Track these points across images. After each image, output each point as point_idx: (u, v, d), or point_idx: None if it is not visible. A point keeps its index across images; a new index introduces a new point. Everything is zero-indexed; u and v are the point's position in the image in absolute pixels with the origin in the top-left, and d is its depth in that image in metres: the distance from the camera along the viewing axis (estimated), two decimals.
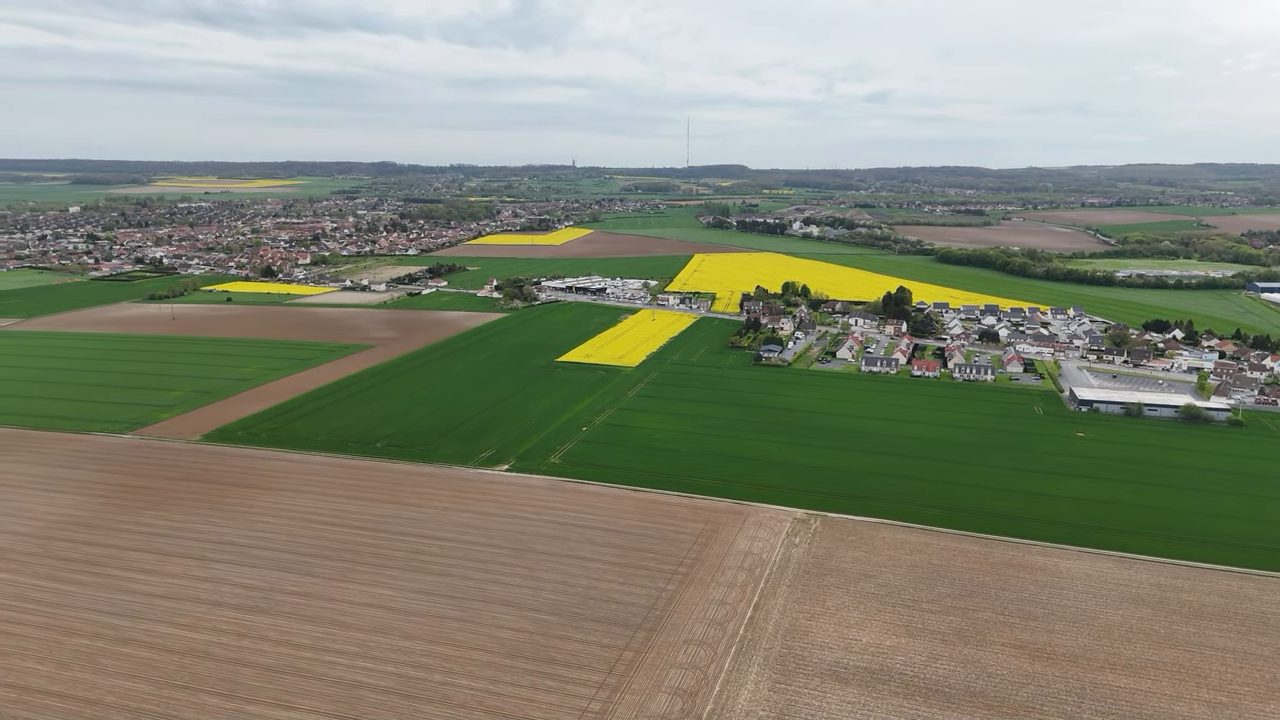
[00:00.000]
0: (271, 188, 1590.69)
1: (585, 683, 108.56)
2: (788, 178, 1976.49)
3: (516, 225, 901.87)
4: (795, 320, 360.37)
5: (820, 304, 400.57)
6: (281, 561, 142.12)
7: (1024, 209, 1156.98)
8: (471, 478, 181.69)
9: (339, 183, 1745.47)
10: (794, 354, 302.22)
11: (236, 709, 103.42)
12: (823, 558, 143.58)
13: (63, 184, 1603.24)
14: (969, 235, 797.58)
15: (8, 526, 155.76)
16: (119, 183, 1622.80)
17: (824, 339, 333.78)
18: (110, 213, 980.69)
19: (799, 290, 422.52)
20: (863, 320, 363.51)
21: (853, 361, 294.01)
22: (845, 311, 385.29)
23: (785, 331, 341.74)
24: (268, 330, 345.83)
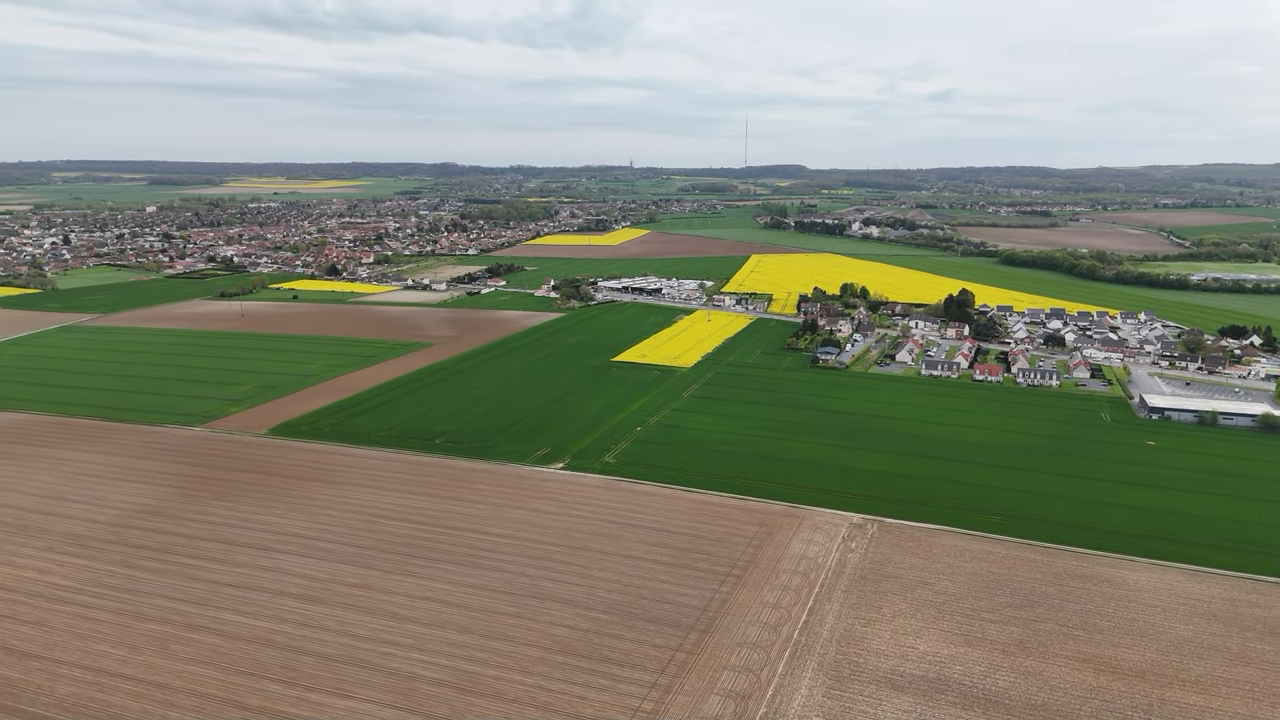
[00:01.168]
0: (337, 188, 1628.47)
1: (637, 682, 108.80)
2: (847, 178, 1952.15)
3: (574, 226, 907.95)
4: (853, 322, 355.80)
5: (879, 306, 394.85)
6: (342, 553, 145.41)
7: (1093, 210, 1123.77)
8: (527, 475, 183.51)
9: (402, 183, 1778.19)
10: (852, 356, 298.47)
11: (298, 696, 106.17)
12: (879, 564, 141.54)
13: (140, 184, 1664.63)
14: (1034, 237, 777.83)
15: (86, 514, 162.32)
16: (193, 183, 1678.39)
17: (883, 341, 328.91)
18: (184, 212, 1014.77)
19: (858, 292, 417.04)
20: (923, 323, 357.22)
21: (912, 365, 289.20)
22: (905, 314, 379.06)
23: (843, 334, 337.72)
24: (332, 328, 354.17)
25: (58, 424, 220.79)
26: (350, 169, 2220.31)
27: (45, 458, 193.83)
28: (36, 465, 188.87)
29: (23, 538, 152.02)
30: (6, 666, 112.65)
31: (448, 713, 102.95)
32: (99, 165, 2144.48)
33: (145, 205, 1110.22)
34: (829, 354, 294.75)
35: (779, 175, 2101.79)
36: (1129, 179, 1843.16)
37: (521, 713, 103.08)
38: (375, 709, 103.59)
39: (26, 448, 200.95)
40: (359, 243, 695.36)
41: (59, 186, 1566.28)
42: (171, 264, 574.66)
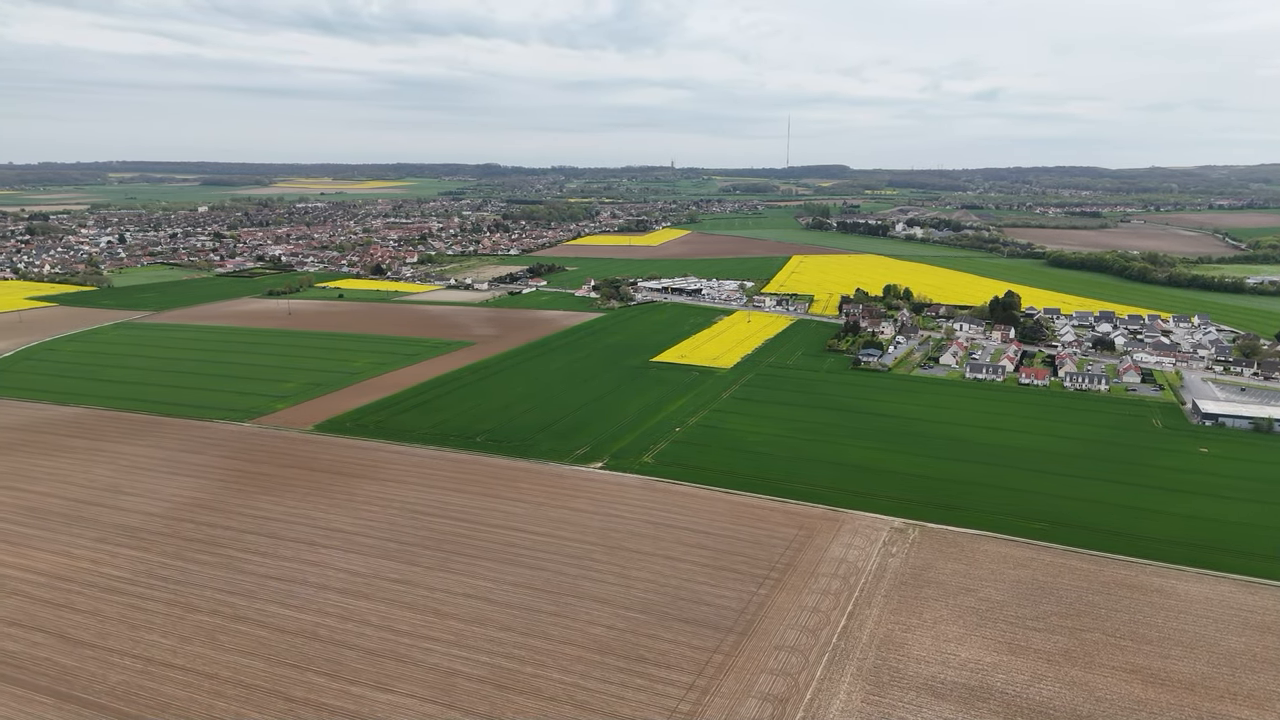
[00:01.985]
0: (382, 189, 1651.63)
1: (674, 683, 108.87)
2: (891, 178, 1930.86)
3: (614, 226, 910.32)
4: (896, 324, 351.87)
5: (923, 308, 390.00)
6: (384, 549, 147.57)
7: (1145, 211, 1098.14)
8: (566, 474, 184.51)
9: (445, 184, 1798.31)
10: (894, 359, 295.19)
11: (341, 689, 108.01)
12: (921, 569, 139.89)
13: (193, 185, 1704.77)
14: (1084, 238, 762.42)
15: (139, 507, 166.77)
16: (243, 184, 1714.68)
17: (926, 344, 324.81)
18: (235, 212, 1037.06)
19: (901, 293, 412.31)
20: (968, 325, 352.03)
21: (956, 368, 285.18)
22: (949, 316, 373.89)
23: (886, 335, 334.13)
24: (376, 326, 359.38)
25: (113, 418, 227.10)
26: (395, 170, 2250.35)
27: (101, 451, 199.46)
28: (93, 458, 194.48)
29: (78, 528, 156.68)
30: (62, 655, 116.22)
31: (487, 709, 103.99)
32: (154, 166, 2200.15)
33: (197, 205, 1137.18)
34: (871, 356, 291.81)
35: (821, 175, 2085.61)
36: (1183, 179, 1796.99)
37: (559, 711, 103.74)
38: (416, 704, 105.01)
39: (83, 441, 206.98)
40: (403, 243, 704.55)
41: (115, 187, 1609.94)
42: (222, 263, 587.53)
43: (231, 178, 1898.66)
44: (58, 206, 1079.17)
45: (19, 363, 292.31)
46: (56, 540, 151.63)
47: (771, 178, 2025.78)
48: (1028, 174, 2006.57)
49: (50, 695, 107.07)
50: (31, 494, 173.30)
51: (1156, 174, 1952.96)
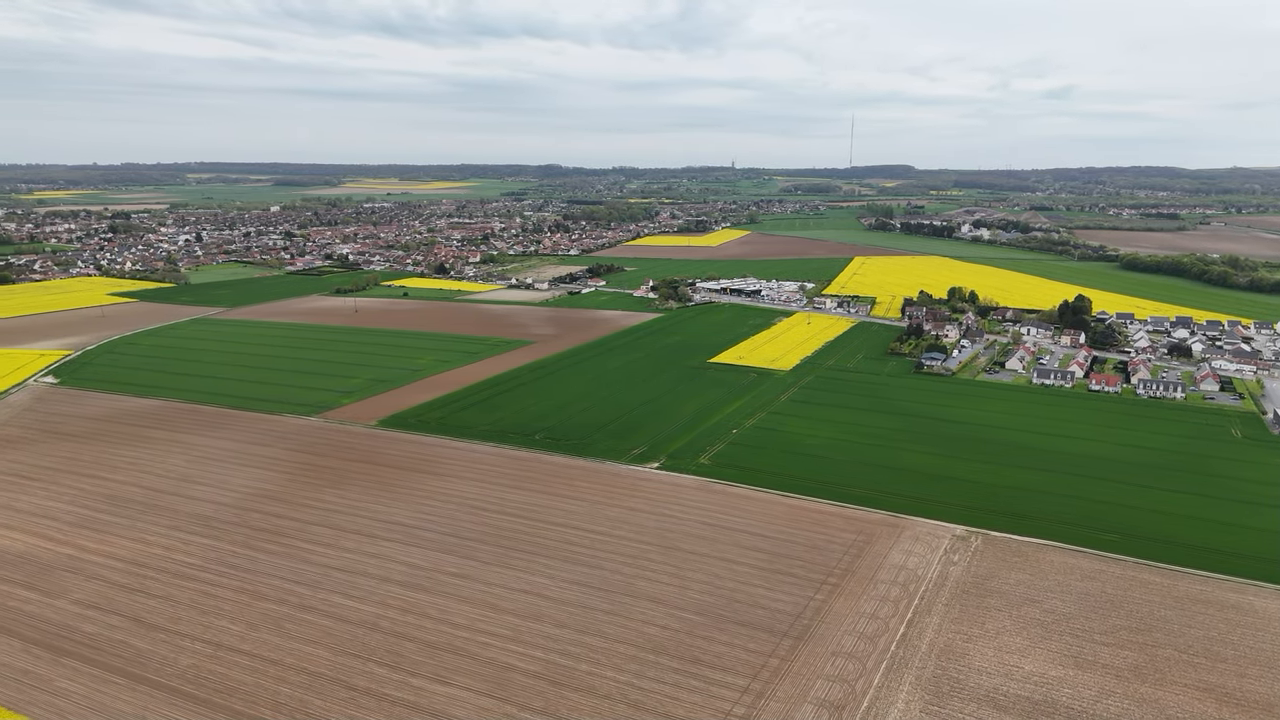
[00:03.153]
0: (446, 189, 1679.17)
1: (729, 685, 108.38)
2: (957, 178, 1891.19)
3: (674, 227, 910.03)
4: (961, 327, 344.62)
5: (989, 311, 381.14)
6: (444, 543, 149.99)
7: (1225, 213, 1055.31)
8: (623, 474, 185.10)
9: (508, 185, 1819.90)
10: (959, 363, 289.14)
11: (401, 680, 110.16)
12: (984, 578, 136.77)
13: (265, 185, 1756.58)
14: (1159, 241, 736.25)
15: (212, 496, 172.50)
16: (313, 184, 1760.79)
17: (992, 348, 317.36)
18: (305, 212, 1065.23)
19: (966, 296, 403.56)
20: (1036, 329, 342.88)
21: (1023, 373, 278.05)
22: (1016, 320, 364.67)
23: (950, 339, 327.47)
24: (439, 324, 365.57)
25: (188, 410, 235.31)
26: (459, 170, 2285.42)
27: (176, 442, 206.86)
28: (169, 449, 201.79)
29: (154, 516, 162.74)
30: (136, 637, 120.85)
31: (541, 705, 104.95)
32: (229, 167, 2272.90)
33: (270, 205, 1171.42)
34: (934, 360, 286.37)
35: (885, 175, 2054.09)
36: (1266, 179, 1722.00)
37: (613, 709, 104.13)
38: (473, 697, 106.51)
39: (160, 432, 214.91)
40: (466, 242, 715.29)
41: (193, 187, 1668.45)
42: (292, 261, 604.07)
43: (302, 178, 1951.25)
44: (139, 206, 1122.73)
45: (101, 356, 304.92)
46: (134, 527, 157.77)
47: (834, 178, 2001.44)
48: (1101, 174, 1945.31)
49: (124, 676, 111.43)
50: (112, 482, 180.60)
51: (1238, 174, 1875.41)
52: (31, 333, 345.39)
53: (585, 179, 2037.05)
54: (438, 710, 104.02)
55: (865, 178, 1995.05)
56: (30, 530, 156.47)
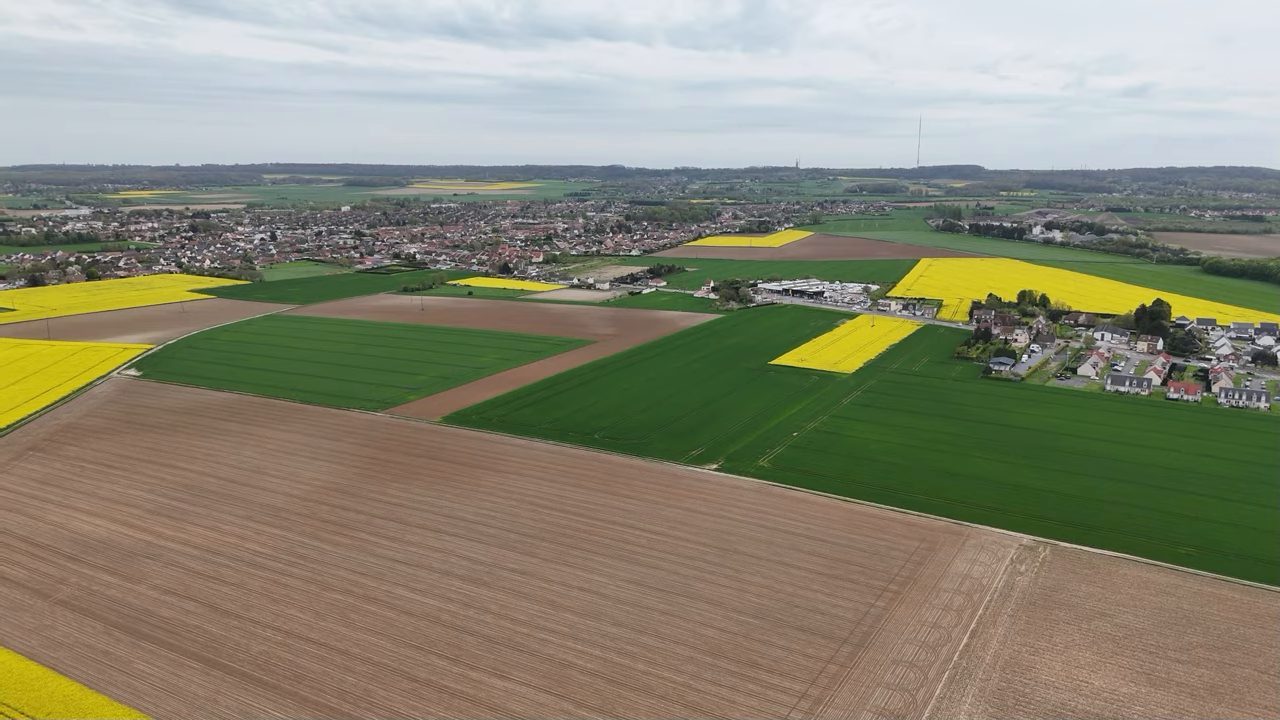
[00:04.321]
0: (511, 190, 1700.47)
1: (787, 690, 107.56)
2: (1029, 179, 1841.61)
3: (736, 227, 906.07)
4: (1031, 332, 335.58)
5: (1061, 315, 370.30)
6: (504, 539, 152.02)
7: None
8: (681, 474, 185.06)
9: (571, 185, 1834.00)
10: (1028, 368, 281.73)
11: (461, 674, 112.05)
12: (1052, 590, 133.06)
13: (336, 186, 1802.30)
14: (1244, 244, 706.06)
15: (283, 489, 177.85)
16: (383, 185, 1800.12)
17: (1064, 353, 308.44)
18: (374, 212, 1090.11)
19: (1037, 300, 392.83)
20: (1110, 335, 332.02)
21: (1096, 379, 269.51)
22: (1090, 324, 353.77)
23: (1019, 343, 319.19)
24: (502, 323, 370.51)
25: (261, 404, 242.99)
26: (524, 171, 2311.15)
27: (249, 435, 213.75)
28: (242, 441, 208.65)
29: (228, 506, 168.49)
30: (211, 623, 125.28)
31: (599, 703, 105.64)
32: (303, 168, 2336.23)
33: (341, 205, 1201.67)
34: (1003, 364, 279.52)
35: (953, 176, 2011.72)
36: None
37: (670, 710, 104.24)
38: (531, 693, 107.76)
39: (234, 425, 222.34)
40: (529, 242, 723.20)
41: (268, 187, 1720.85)
42: (361, 260, 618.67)
43: (372, 179, 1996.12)
44: (218, 206, 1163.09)
45: (181, 350, 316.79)
46: (209, 516, 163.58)
47: (900, 178, 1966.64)
48: (1181, 174, 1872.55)
49: (198, 661, 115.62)
50: (189, 472, 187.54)
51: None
52: (116, 327, 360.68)
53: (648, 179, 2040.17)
54: (496, 704, 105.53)
55: (933, 178, 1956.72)
56: (112, 517, 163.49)
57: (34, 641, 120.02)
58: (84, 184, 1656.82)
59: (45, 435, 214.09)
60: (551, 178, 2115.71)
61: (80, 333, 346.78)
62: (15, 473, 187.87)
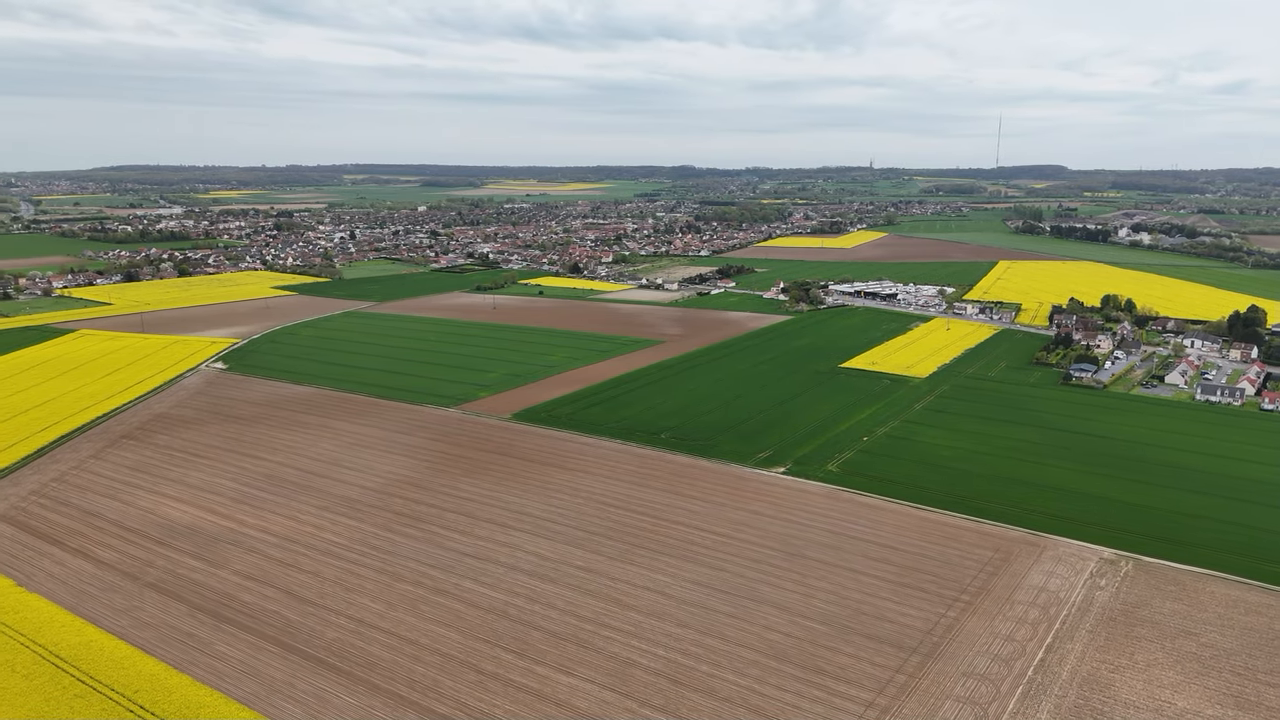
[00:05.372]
0: (582, 190, 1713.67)
1: (853, 699, 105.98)
2: (1115, 179, 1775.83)
3: (807, 228, 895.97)
4: (1115, 337, 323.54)
5: (1147, 321, 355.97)
6: (570, 536, 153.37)
7: None
8: (748, 476, 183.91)
9: (641, 185, 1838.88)
10: (1112, 375, 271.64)
11: (526, 668, 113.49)
12: (1134, 606, 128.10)
13: (413, 186, 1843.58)
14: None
15: (358, 481, 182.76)
16: (457, 185, 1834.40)
17: (1149, 360, 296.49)
18: (449, 212, 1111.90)
19: (1121, 304, 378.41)
20: (1200, 342, 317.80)
21: (1185, 388, 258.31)
22: (1178, 331, 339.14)
23: (1102, 350, 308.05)
24: (571, 322, 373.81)
25: (339, 398, 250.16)
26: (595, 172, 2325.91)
27: (327, 428, 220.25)
28: (320, 434, 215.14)
29: (306, 496, 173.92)
30: (289, 609, 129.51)
31: (662, 702, 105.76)
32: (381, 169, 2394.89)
33: (417, 205, 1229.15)
34: (1084, 371, 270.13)
35: (1034, 176, 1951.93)
36: None
37: (734, 713, 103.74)
38: (595, 690, 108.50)
39: (313, 418, 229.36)
40: (599, 242, 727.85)
41: (349, 187, 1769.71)
42: (436, 259, 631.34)
43: (447, 179, 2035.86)
44: (300, 205, 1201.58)
45: (264, 345, 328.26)
46: (288, 506, 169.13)
47: (979, 178, 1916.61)
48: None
49: (276, 645, 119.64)
50: (270, 462, 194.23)
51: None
52: (205, 322, 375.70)
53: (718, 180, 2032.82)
54: (561, 700, 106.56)
55: (1012, 178, 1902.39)
56: (198, 504, 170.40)
57: (124, 622, 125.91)
58: (177, 184, 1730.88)
59: (138, 424, 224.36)
60: (622, 178, 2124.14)
61: (172, 327, 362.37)
62: (109, 459, 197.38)
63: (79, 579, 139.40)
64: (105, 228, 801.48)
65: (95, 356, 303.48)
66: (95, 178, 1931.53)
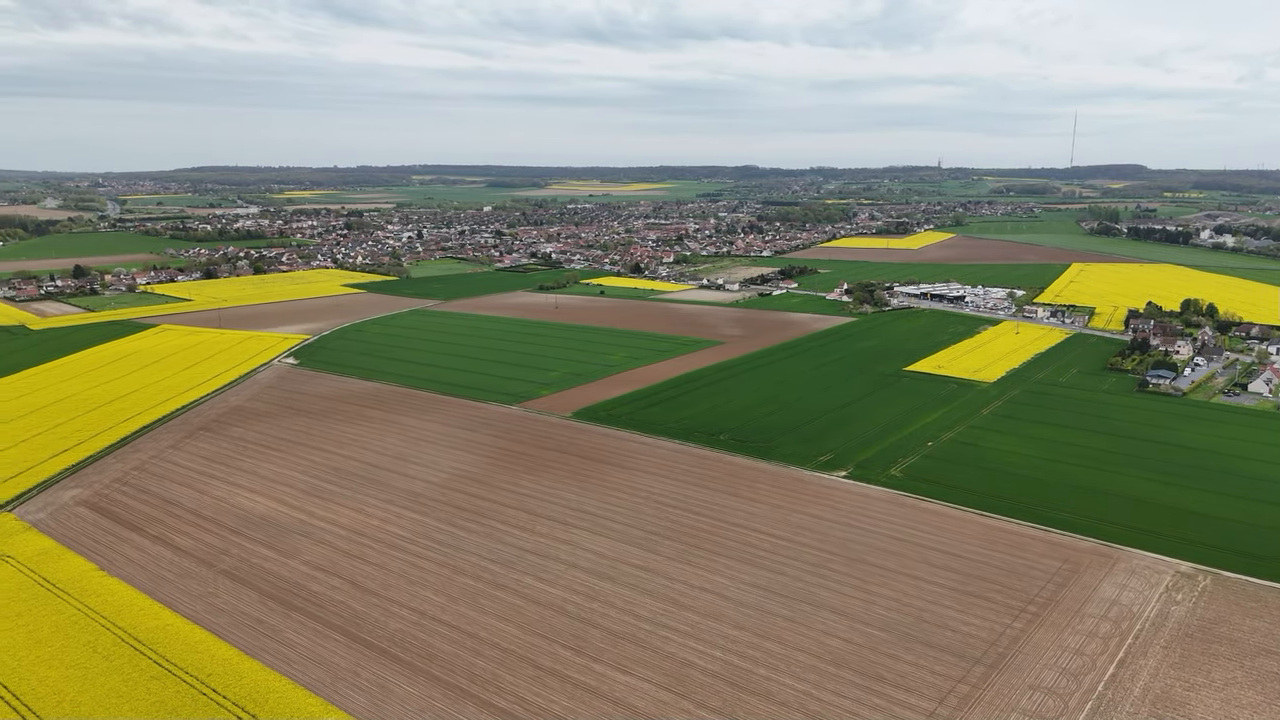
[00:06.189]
0: (644, 191, 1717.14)
1: (914, 708, 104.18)
2: (1197, 179, 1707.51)
3: (872, 228, 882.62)
4: (1195, 343, 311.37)
5: (1229, 327, 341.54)
6: (629, 535, 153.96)
7: None
8: (808, 480, 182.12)
9: (704, 186, 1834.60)
10: (1191, 383, 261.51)
11: (584, 665, 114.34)
12: (1212, 622, 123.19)
13: (479, 187, 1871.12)
14: None
15: (422, 475, 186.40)
16: (522, 185, 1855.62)
17: (1232, 368, 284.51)
18: (514, 212, 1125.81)
19: (1203, 309, 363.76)
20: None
21: (1269, 397, 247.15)
22: (1264, 337, 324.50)
23: (1181, 356, 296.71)
24: (632, 322, 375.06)
25: (404, 394, 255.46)
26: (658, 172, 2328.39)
27: (393, 423, 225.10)
28: (386, 429, 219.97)
29: (372, 490, 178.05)
30: (354, 600, 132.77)
31: (718, 704, 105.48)
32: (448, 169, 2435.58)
33: (483, 205, 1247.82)
34: (1162, 378, 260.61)
35: (1111, 176, 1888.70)
36: None
37: (790, 718, 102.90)
38: (652, 689, 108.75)
39: (379, 413, 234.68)
40: (661, 243, 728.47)
41: (416, 188, 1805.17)
42: (501, 258, 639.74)
43: (512, 180, 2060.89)
44: (370, 205, 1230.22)
45: (334, 341, 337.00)
46: (355, 498, 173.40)
47: (1052, 178, 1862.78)
48: None
49: (342, 634, 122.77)
50: (338, 456, 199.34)
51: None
52: (278, 318, 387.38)
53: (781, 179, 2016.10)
54: (618, 698, 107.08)
55: (1088, 178, 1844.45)
56: (270, 495, 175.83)
57: (198, 607, 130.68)
58: (253, 184, 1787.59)
59: (214, 416, 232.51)
60: (685, 178, 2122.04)
61: (247, 322, 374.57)
62: (187, 450, 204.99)
63: (157, 564, 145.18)
64: (186, 226, 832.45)
65: (175, 351, 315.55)
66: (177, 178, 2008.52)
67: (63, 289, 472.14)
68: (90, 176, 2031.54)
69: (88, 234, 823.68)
